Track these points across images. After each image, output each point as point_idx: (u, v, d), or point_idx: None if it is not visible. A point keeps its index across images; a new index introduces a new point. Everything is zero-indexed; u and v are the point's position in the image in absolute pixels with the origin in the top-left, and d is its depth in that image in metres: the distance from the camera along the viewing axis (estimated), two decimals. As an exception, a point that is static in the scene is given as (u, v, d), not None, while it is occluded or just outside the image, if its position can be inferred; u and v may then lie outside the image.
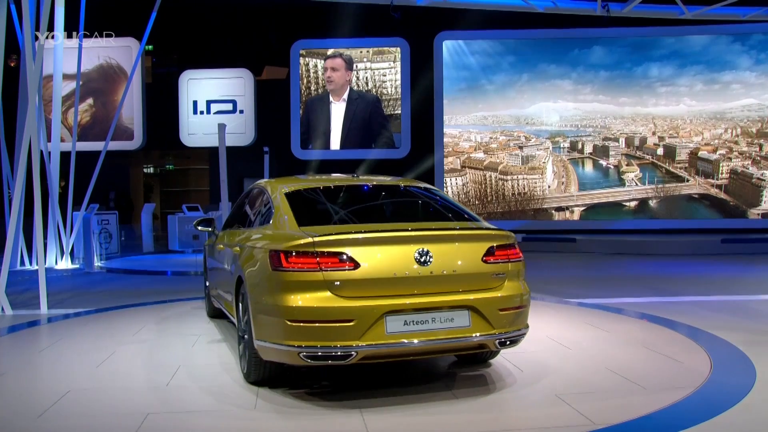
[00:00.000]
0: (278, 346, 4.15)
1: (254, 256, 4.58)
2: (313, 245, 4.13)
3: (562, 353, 5.56)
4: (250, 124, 18.71)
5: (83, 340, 6.33)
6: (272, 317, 4.19)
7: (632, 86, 17.47)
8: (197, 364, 5.36)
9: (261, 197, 5.52)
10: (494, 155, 17.90)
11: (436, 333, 4.19)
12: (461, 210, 5.08)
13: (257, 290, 4.39)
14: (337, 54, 18.05)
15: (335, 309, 4.05)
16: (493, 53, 17.84)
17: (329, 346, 4.04)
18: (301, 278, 4.10)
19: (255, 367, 4.55)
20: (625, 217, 17.28)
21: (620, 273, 11.54)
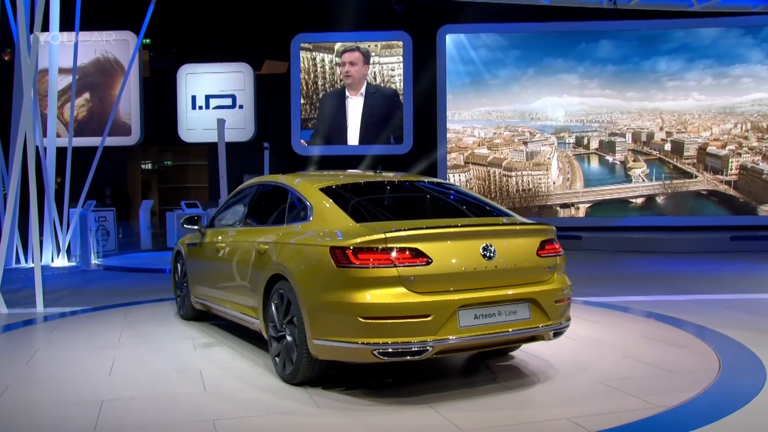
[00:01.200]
0: (346, 344, 4.20)
1: (303, 254, 4.58)
2: (385, 241, 4.19)
3: (570, 351, 5.56)
4: (249, 120, 18.71)
5: (83, 341, 6.30)
6: (339, 315, 4.23)
7: (639, 80, 17.42)
8: (217, 366, 5.32)
9: (280, 194, 5.49)
10: (498, 151, 17.89)
11: (502, 326, 4.36)
12: (495, 207, 5.26)
13: (314, 288, 4.40)
14: (354, 47, 18.02)
15: (413, 305, 4.14)
16: (498, 47, 17.81)
17: (406, 342, 4.12)
18: (374, 274, 4.15)
19: (305, 367, 4.56)
20: (631, 214, 17.25)
21: (626, 271, 11.51)
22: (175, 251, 7.55)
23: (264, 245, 5.13)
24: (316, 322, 4.37)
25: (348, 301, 4.17)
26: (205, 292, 6.55)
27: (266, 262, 5.01)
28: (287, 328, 4.71)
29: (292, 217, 5.14)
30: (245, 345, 6.01)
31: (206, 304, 6.59)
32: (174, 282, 7.57)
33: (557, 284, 4.68)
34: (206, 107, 18.78)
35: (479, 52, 17.84)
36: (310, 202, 4.95)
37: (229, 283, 5.87)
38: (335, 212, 4.72)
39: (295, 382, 4.66)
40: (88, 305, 8.44)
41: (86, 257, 12.52)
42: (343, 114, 18.18)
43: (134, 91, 18.25)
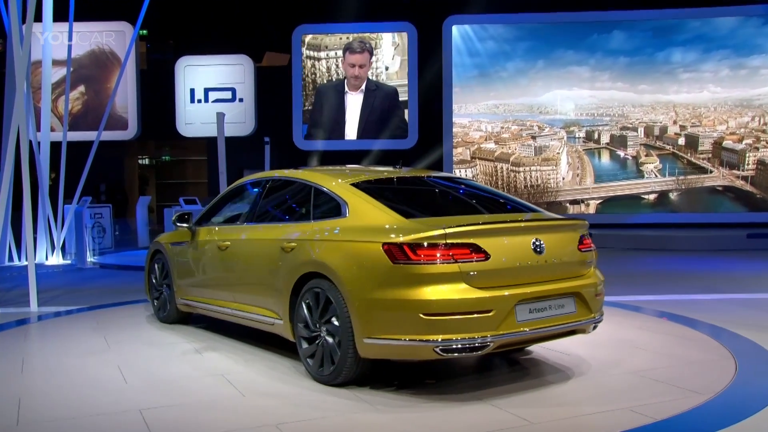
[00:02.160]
0: (405, 341, 4.30)
1: (348, 251, 4.63)
2: (444, 237, 4.29)
3: (585, 348, 5.55)
4: (250, 113, 18.69)
5: (82, 344, 6.28)
6: (398, 312, 4.31)
7: (653, 72, 17.33)
8: (239, 368, 5.30)
9: (300, 189, 5.54)
10: (506, 146, 17.82)
11: (552, 320, 4.57)
12: (525, 203, 5.42)
13: (365, 286, 4.45)
14: (361, 48, 17.96)
15: (475, 300, 4.27)
16: (506, 38, 17.74)
17: (469, 337, 4.24)
18: (435, 270, 4.26)
19: (349, 367, 4.62)
20: (643, 211, 17.18)
21: (638, 269, 11.48)
22: (151, 251, 7.37)
23: (290, 243, 5.13)
24: (368, 320, 4.43)
25: (408, 298, 4.26)
26: (199, 294, 6.46)
27: (295, 260, 5.02)
28: (324, 328, 4.77)
29: (320, 213, 5.17)
30: (250, 347, 5.99)
31: (198, 306, 6.49)
32: (149, 284, 7.39)
33: (596, 278, 4.95)
34: (205, 101, 18.75)
35: (486, 43, 17.79)
36: (342, 197, 5.01)
37: (236, 282, 5.82)
38: (377, 208, 4.80)
39: (337, 383, 4.71)
40: (83, 304, 8.44)
41: (81, 255, 12.53)
42: (341, 109, 18.15)
43: (131, 84, 18.23)
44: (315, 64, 18.29)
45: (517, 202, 5.41)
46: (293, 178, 5.72)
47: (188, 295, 6.63)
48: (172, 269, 6.87)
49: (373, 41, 18.12)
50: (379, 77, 18.15)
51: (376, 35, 18.17)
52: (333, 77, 18.31)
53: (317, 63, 18.29)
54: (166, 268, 7.02)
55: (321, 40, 18.27)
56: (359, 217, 4.81)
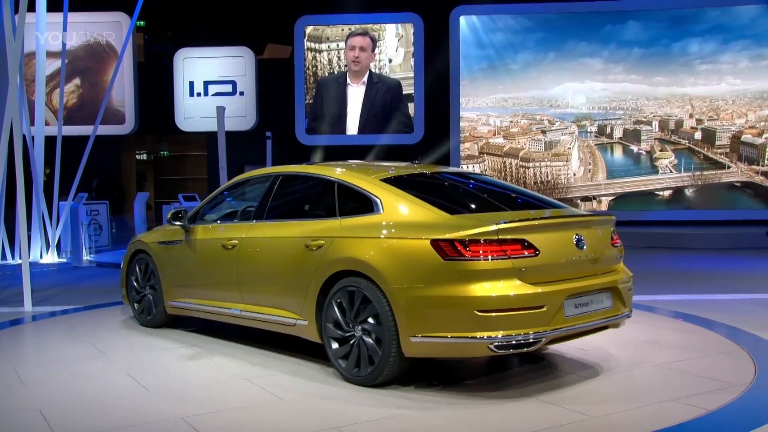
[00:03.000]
0: (457, 339, 4.39)
1: (390, 248, 4.68)
2: (497, 233, 4.40)
3: (601, 350, 5.54)
4: (251, 107, 18.70)
5: (79, 346, 6.24)
6: (450, 310, 4.40)
7: (668, 64, 17.25)
8: (263, 371, 5.27)
9: (320, 185, 5.57)
10: (515, 140, 17.80)
11: (594, 314, 4.75)
12: (548, 199, 5.60)
13: (412, 283, 4.51)
14: (363, 32, 17.95)
15: (529, 296, 4.39)
16: (515, 29, 17.70)
17: (524, 333, 4.36)
18: (488, 267, 4.36)
19: (391, 367, 4.66)
20: (658, 208, 17.12)
21: (652, 268, 11.43)
22: (131, 251, 7.20)
23: (316, 240, 5.14)
24: (416, 318, 4.49)
25: (462, 295, 4.35)
26: (195, 295, 6.38)
27: (324, 258, 5.03)
28: (359, 328, 4.82)
29: (347, 209, 5.20)
30: (255, 349, 5.95)
31: (194, 308, 6.41)
32: (127, 285, 7.23)
33: (627, 273, 5.16)
34: (205, 94, 18.77)
35: (495, 34, 17.74)
36: (374, 193, 5.06)
37: (246, 283, 5.78)
38: (415, 204, 4.87)
39: (377, 383, 4.75)
40: (79, 304, 8.44)
41: (77, 253, 12.53)
42: (343, 102, 18.13)
43: (128, 77, 18.24)
44: (316, 56, 18.27)
45: (542, 198, 5.55)
46: (311, 174, 5.73)
47: (181, 297, 6.54)
48: (161, 270, 6.73)
49: (376, 33, 18.09)
50: (382, 70, 18.12)
51: (379, 26, 18.13)
52: (335, 70, 18.29)
53: (318, 55, 18.27)
54: (150, 270, 6.89)
55: (323, 31, 18.26)
56: (395, 213, 4.88)
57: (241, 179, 6.48)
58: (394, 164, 5.98)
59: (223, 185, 6.65)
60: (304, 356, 5.59)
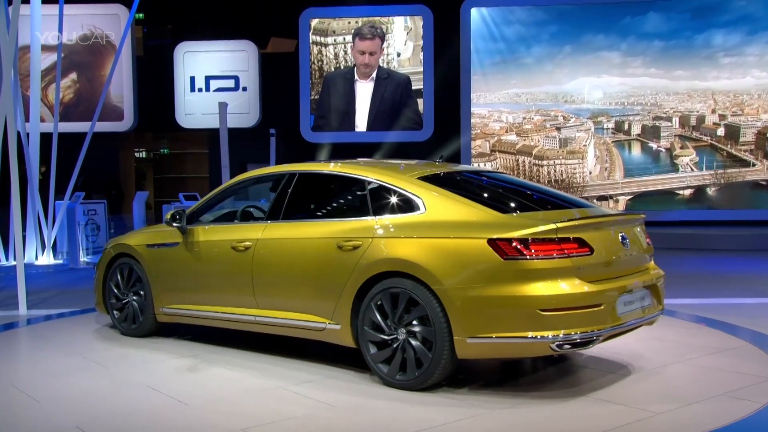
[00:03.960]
0: (518, 339, 4.52)
1: (443, 247, 4.77)
2: (556, 231, 4.58)
3: (617, 361, 5.53)
4: (254, 103, 18.69)
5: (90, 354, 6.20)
6: (511, 309, 4.54)
7: (690, 57, 17.16)
8: (294, 380, 5.23)
9: (345, 184, 5.66)
10: (528, 137, 17.78)
11: (638, 312, 4.97)
12: (577, 199, 5.83)
13: (468, 283, 4.63)
14: (372, 34, 17.89)
15: (589, 294, 4.58)
16: (529, 22, 17.65)
17: (583, 332, 4.54)
18: (550, 266, 4.53)
19: (442, 369, 4.76)
20: (678, 207, 17.05)
21: (673, 270, 11.28)
22: (109, 255, 7.02)
23: (351, 241, 5.17)
24: (473, 319, 4.61)
25: (524, 294, 4.49)
26: (196, 301, 6.29)
27: (363, 259, 5.07)
28: (404, 330, 4.88)
29: (382, 209, 5.25)
30: (268, 356, 5.92)
31: (193, 315, 6.30)
32: (104, 292, 7.03)
33: (660, 271, 5.38)
34: (206, 90, 18.77)
35: (508, 27, 17.70)
36: (414, 192, 5.16)
37: (263, 286, 5.72)
38: (462, 203, 5.00)
39: (423, 387, 4.83)
40: (75, 307, 8.43)
41: (74, 254, 12.53)
42: (351, 99, 18.10)
43: (126, 72, 18.25)
44: (322, 50, 18.26)
45: (570, 197, 5.77)
46: (337, 173, 5.74)
47: (176, 303, 6.43)
48: (151, 275, 6.59)
49: (384, 26, 18.06)
50: (390, 64, 18.10)
51: (387, 19, 18.10)
52: (341, 64, 18.27)
53: (324, 49, 18.26)
54: (136, 275, 6.74)
55: (328, 24, 18.25)
56: (440, 212, 4.98)
57: (246, 178, 6.42)
58: (417, 162, 6.05)
59: (225, 184, 6.57)
60: (319, 361, 5.62)
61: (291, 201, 5.81)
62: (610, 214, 5.26)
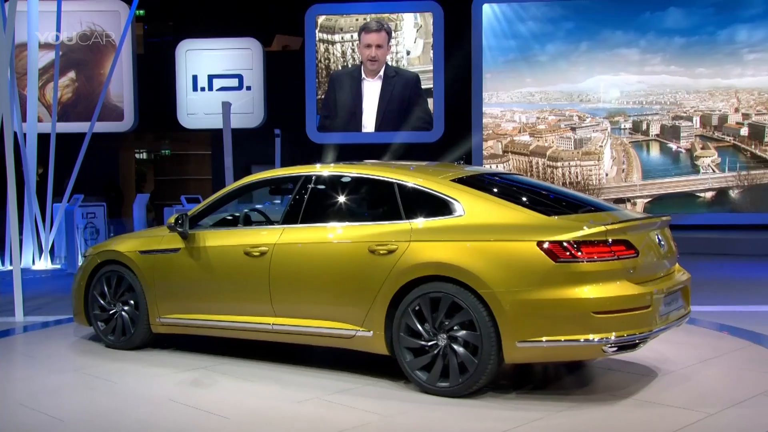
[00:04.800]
0: (570, 342, 4.66)
1: (488, 250, 4.88)
2: (605, 234, 4.74)
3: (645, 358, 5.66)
4: (258, 103, 18.70)
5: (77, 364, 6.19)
6: (564, 312, 4.66)
7: (713, 54, 17.06)
8: (325, 389, 5.23)
9: (366, 186, 5.78)
10: (542, 138, 17.73)
11: (674, 314, 5.12)
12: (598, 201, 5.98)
13: (518, 287, 4.74)
14: (379, 27, 17.87)
15: (639, 296, 4.73)
16: (543, 18, 17.60)
17: (630, 334, 4.69)
18: (602, 268, 4.69)
19: (488, 374, 4.85)
20: (699, 211, 16.98)
21: (693, 276, 11.26)
22: (94, 263, 6.80)
23: (385, 245, 5.22)
24: (523, 323, 4.71)
25: (578, 297, 4.63)
26: (201, 310, 6.18)
27: (400, 263, 5.12)
28: (444, 336, 4.94)
29: (415, 212, 5.30)
30: (284, 366, 5.90)
31: (196, 324, 6.20)
32: (88, 303, 6.80)
33: (687, 272, 5.55)
34: (209, 89, 18.79)
35: (521, 24, 17.66)
36: (450, 195, 5.24)
37: (284, 292, 5.68)
38: (503, 205, 5.13)
39: (469, 392, 4.90)
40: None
41: (72, 258, 12.53)
42: (358, 98, 18.08)
43: (127, 70, 18.28)
44: (329, 48, 18.26)
45: (593, 199, 5.91)
46: (362, 175, 5.77)
47: (177, 312, 6.30)
48: (146, 283, 6.43)
49: (393, 22, 18.04)
50: (399, 62, 18.08)
51: (396, 16, 18.08)
52: (348, 63, 18.26)
53: (331, 47, 18.25)
54: (127, 283, 6.56)
55: (335, 21, 18.24)
56: (482, 215, 5.08)
57: (256, 180, 6.35)
58: (436, 164, 6.21)
59: (229, 187, 6.47)
60: (339, 370, 5.65)
61: (310, 204, 5.80)
62: (645, 216, 5.39)
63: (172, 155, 26.97)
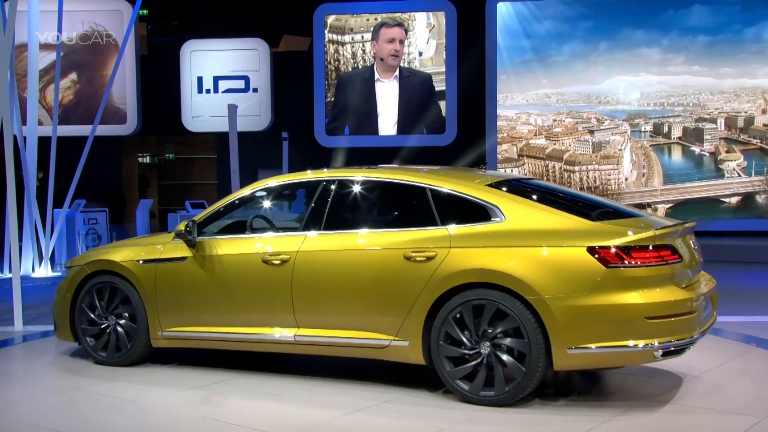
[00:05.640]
0: (621, 348, 4.79)
1: (535, 256, 4.98)
2: (653, 239, 4.90)
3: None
4: (265, 105, 18.70)
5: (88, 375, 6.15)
6: (616, 318, 4.80)
7: (739, 53, 16.95)
8: (371, 402, 5.26)
9: (396, 192, 5.85)
10: (559, 141, 17.69)
11: (707, 319, 5.26)
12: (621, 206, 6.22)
13: (569, 293, 4.85)
14: (395, 22, 17.84)
15: (686, 301, 4.91)
16: (560, 17, 17.57)
17: (683, 338, 4.88)
18: (652, 273, 4.85)
19: (536, 382, 4.97)
20: (724, 217, 16.87)
21: (718, 285, 11.22)
22: (84, 274, 6.57)
23: (423, 252, 5.26)
24: (574, 329, 4.82)
25: (630, 302, 4.78)
26: (211, 321, 6.09)
27: (440, 270, 5.17)
28: (487, 344, 5.02)
29: (451, 217, 5.37)
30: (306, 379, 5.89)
31: (205, 337, 6.10)
32: (75, 317, 6.58)
33: (713, 278, 5.66)
34: (215, 91, 18.80)
35: (537, 23, 17.63)
36: (489, 201, 5.33)
37: (306, 303, 5.64)
38: (545, 211, 5.25)
39: (515, 401, 5.01)
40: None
41: (73, 266, 12.50)
42: (371, 100, 18.04)
43: (130, 72, 18.31)
44: (338, 49, 18.25)
45: (619, 205, 6.14)
46: (390, 180, 5.83)
47: (184, 325, 6.19)
48: (147, 295, 6.26)
49: (405, 22, 18.02)
50: (411, 64, 18.06)
51: (408, 15, 18.06)
52: (359, 64, 18.24)
53: (341, 48, 18.25)
54: (122, 295, 6.38)
55: (345, 21, 18.24)
56: (524, 220, 5.18)
57: (267, 186, 6.30)
58: (462, 168, 6.44)
59: (238, 193, 6.38)
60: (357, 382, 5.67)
61: (333, 210, 5.79)
62: (679, 222, 5.44)
63: (176, 159, 27.02)
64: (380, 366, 5.66)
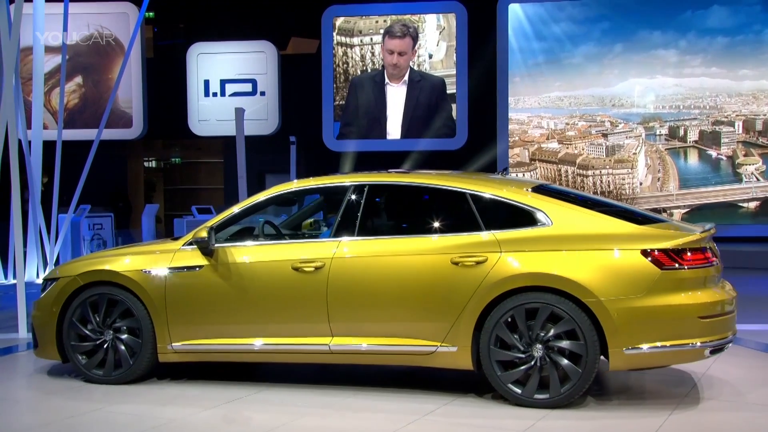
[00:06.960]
0: (676, 347, 5.07)
1: (590, 259, 5.18)
2: (700, 241, 5.21)
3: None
4: (273, 109, 18.73)
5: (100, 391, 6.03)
6: (672, 318, 5.07)
7: (758, 54, 16.92)
8: (419, 413, 5.24)
9: (434, 196, 5.94)
10: (572, 145, 17.69)
11: None
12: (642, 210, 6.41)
13: (625, 294, 5.07)
14: (402, 31, 17.82)
15: (731, 300, 5.32)
16: (573, 19, 17.56)
17: (726, 336, 5.24)
18: (702, 274, 5.18)
19: (589, 383, 5.14)
20: (742, 222, 16.87)
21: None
22: (75, 285, 6.16)
23: (472, 257, 5.34)
24: (631, 330, 5.05)
25: (685, 303, 5.08)
26: (231, 333, 5.90)
27: (491, 274, 5.26)
28: (540, 347, 5.13)
29: (497, 222, 5.49)
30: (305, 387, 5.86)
31: (225, 349, 5.90)
32: (63, 332, 6.16)
33: None
34: (222, 94, 18.86)
35: (549, 25, 17.64)
36: (533, 205, 5.47)
37: (344, 311, 5.58)
38: (592, 215, 5.46)
39: (566, 403, 5.16)
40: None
41: (78, 272, 12.50)
42: (381, 104, 18.06)
43: (136, 75, 18.37)
44: (347, 51, 18.28)
45: (639, 210, 6.24)
46: (429, 185, 5.90)
47: (201, 338, 5.95)
48: (155, 307, 5.98)
49: (415, 24, 18.02)
50: (421, 66, 18.06)
51: (418, 17, 18.07)
52: (368, 67, 18.25)
53: (350, 50, 18.27)
54: (123, 308, 6.06)
55: (354, 23, 18.26)
56: (572, 224, 5.38)
57: (287, 190, 6.20)
58: (473, 173, 6.57)
59: (256, 197, 6.20)
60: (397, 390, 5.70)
61: (367, 215, 5.79)
62: (711, 225, 5.60)
63: (183, 164, 27.07)
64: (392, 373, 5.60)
